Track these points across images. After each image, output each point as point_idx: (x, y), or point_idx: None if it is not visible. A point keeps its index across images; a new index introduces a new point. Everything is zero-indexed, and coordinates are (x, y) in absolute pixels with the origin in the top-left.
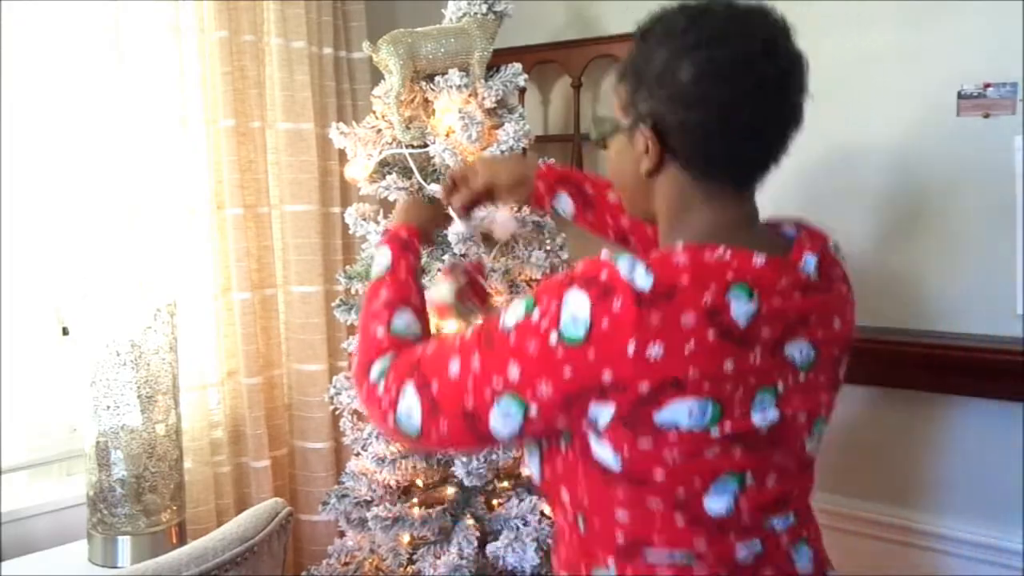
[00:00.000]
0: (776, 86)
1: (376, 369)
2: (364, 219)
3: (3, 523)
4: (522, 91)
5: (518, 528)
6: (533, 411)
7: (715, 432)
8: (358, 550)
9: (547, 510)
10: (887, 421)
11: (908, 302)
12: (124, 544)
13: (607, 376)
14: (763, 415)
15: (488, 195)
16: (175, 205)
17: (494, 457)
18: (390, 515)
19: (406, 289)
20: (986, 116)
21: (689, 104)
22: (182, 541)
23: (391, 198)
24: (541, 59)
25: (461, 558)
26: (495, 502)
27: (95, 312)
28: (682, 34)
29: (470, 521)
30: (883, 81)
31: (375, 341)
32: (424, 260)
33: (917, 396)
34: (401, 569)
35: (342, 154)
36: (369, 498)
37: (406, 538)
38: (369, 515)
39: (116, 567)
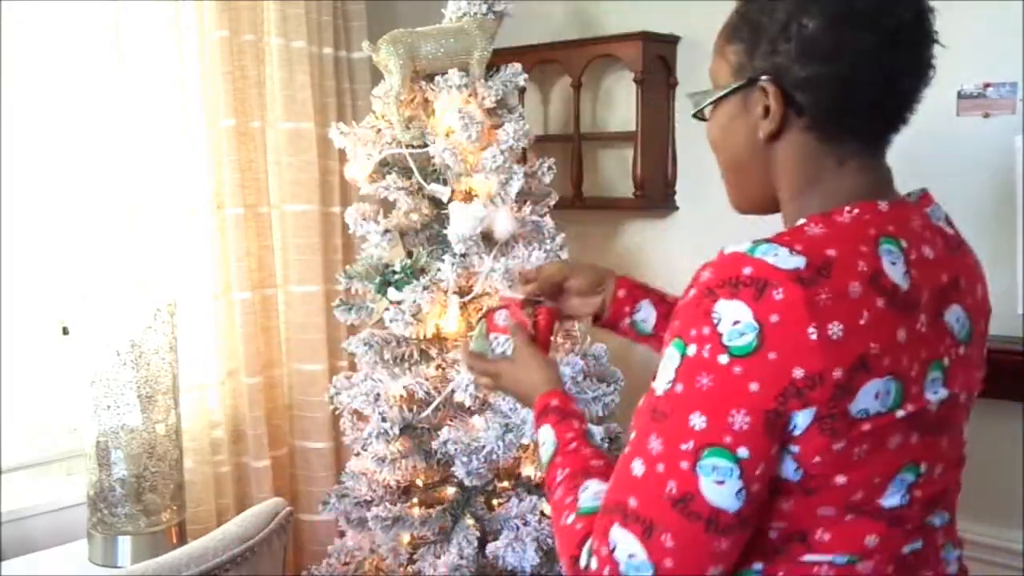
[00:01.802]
0: (914, 31)
1: (584, 556)
2: (364, 219)
3: (3, 523)
4: (522, 91)
5: (518, 528)
6: (744, 454)
7: (900, 414)
8: (358, 550)
9: (547, 510)
10: None
11: None
12: (124, 544)
13: (798, 373)
14: (935, 393)
15: (557, 292)
16: (175, 205)
17: (494, 457)
18: (390, 515)
19: (580, 460)
20: (986, 116)
21: (823, 55)
22: (182, 541)
23: (391, 197)
24: (541, 59)
25: (461, 558)
26: (495, 502)
27: (95, 312)
28: None
29: (470, 521)
30: None
31: (571, 532)
32: (424, 260)
33: None
34: (401, 569)
35: (342, 154)
36: (369, 498)
37: (406, 538)
38: (369, 515)
39: (116, 567)
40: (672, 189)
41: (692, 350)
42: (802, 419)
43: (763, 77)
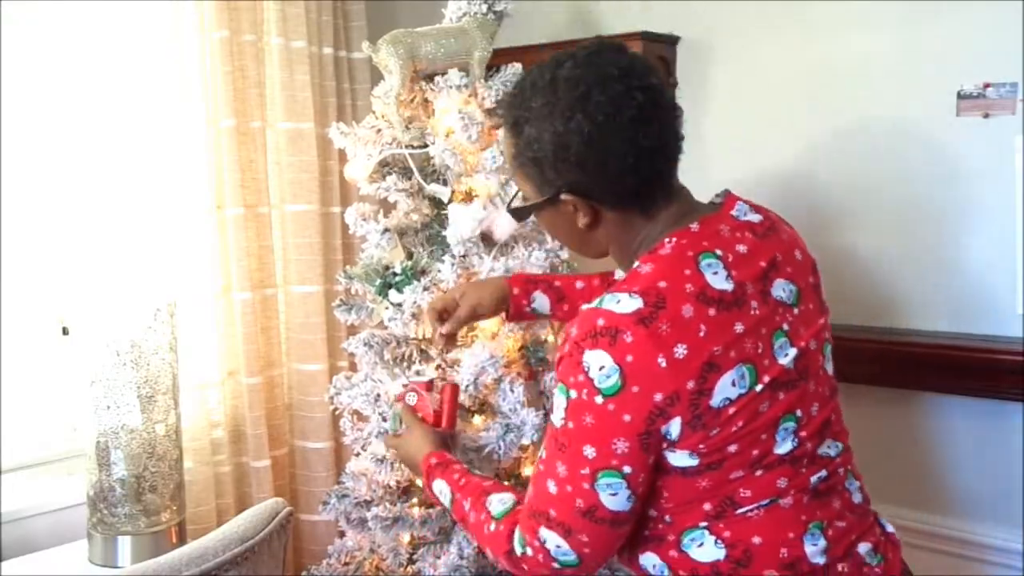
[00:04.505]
0: (653, 104)
1: (517, 546)
2: (364, 219)
3: (3, 523)
4: None
5: None
6: (628, 471)
7: (759, 388)
8: (358, 550)
9: None
10: (887, 421)
11: (908, 301)
12: (124, 544)
13: (658, 397)
14: (786, 355)
15: (473, 319)
16: (175, 205)
17: (495, 457)
18: (390, 515)
19: (475, 488)
20: (986, 116)
21: (595, 162)
22: (182, 541)
23: (391, 199)
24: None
25: (461, 558)
26: None
27: (95, 312)
28: (549, 111)
29: None
30: (883, 81)
31: (497, 535)
32: (424, 261)
33: (918, 396)
34: (401, 569)
35: (342, 154)
36: (369, 498)
37: (406, 538)
38: (369, 515)
39: (116, 567)
40: None
41: (574, 394)
42: (673, 429)
43: (561, 195)
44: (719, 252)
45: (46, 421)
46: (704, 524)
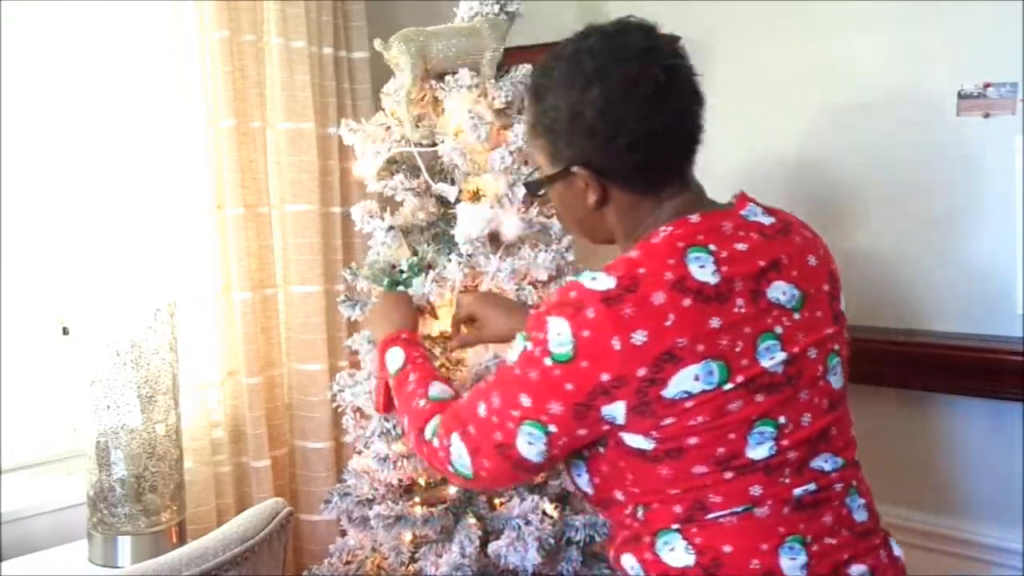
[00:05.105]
0: (672, 83)
1: (429, 430)
2: (371, 216)
3: (3, 523)
4: None
5: (520, 527)
6: (552, 430)
7: (728, 387)
8: (360, 549)
9: (549, 509)
10: (887, 421)
11: (908, 302)
12: (124, 544)
13: (605, 377)
14: (771, 358)
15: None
16: (175, 205)
17: None
18: (392, 513)
19: (429, 371)
20: (986, 116)
21: (607, 135)
22: (182, 541)
23: (398, 197)
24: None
25: (463, 557)
26: (497, 501)
27: (95, 312)
28: (569, 80)
29: (472, 520)
30: (883, 81)
31: (420, 411)
32: (430, 256)
33: (917, 396)
34: (403, 568)
35: (343, 154)
36: (371, 496)
37: (408, 536)
38: (371, 513)
39: (116, 567)
40: None
41: (530, 346)
42: (616, 410)
43: (573, 167)
44: (712, 247)
45: (46, 421)
46: (676, 526)
